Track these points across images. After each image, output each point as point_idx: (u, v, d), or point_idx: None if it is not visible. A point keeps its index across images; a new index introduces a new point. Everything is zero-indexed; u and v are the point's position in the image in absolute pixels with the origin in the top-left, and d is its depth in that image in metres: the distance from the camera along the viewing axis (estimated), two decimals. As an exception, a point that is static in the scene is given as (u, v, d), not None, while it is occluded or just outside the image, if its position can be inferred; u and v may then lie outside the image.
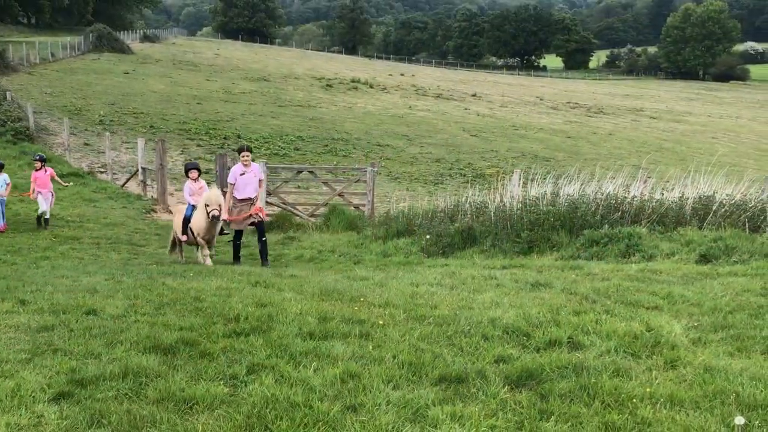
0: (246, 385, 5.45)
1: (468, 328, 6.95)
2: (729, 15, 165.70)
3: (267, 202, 20.61)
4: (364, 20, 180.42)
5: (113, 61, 70.67)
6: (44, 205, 18.58)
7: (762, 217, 13.42)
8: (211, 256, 14.04)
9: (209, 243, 14.14)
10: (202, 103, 52.36)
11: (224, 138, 40.09)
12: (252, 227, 15.06)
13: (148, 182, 26.01)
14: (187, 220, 14.23)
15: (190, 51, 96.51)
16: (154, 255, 15.97)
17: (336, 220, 19.68)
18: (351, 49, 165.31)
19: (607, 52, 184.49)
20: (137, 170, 26.65)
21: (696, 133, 64.68)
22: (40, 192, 18.65)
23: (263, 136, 41.78)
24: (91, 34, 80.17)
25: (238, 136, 40.76)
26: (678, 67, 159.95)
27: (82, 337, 6.56)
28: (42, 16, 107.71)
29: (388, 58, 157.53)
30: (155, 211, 23.18)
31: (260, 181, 14.55)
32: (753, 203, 13.98)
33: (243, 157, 14.18)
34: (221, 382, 5.49)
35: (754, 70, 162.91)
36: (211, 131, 41.63)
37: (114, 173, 28.85)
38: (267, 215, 20.62)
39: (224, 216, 13.83)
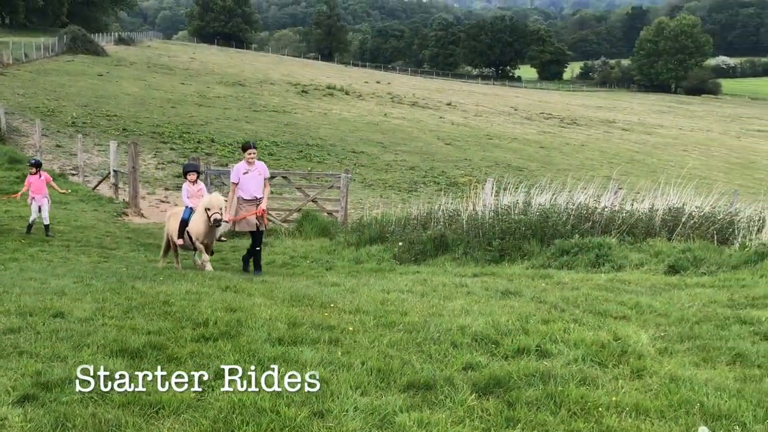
0: (213, 390, 5.42)
1: (437, 335, 6.97)
2: (702, 29, 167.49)
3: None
4: (340, 27, 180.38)
5: (87, 63, 70.13)
6: (36, 212, 17.89)
7: (730, 230, 13.59)
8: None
9: (207, 248, 13.40)
10: (176, 106, 52.10)
11: (198, 142, 39.91)
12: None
13: (120, 185, 25.83)
14: (184, 224, 13.50)
15: (166, 54, 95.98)
16: (125, 258, 15.85)
17: (309, 226, 19.65)
18: (327, 56, 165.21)
19: (581, 63, 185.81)
20: (109, 173, 26.45)
21: (667, 146, 65.29)
22: (33, 198, 17.93)
23: (237, 140, 41.56)
24: (65, 36, 79.47)
25: (212, 141, 40.65)
26: (651, 80, 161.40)
27: (49, 339, 6.50)
28: (16, 17, 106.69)
29: (364, 66, 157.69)
30: (127, 215, 23.01)
31: (266, 180, 13.48)
32: (722, 216, 14.16)
33: (248, 154, 13.20)
34: (188, 387, 5.46)
35: (726, 84, 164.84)
36: (184, 135, 41.42)
37: (86, 176, 28.61)
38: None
39: (227, 218, 13.04)
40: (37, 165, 18.71)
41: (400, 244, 14.99)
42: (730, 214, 14.26)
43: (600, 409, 5.23)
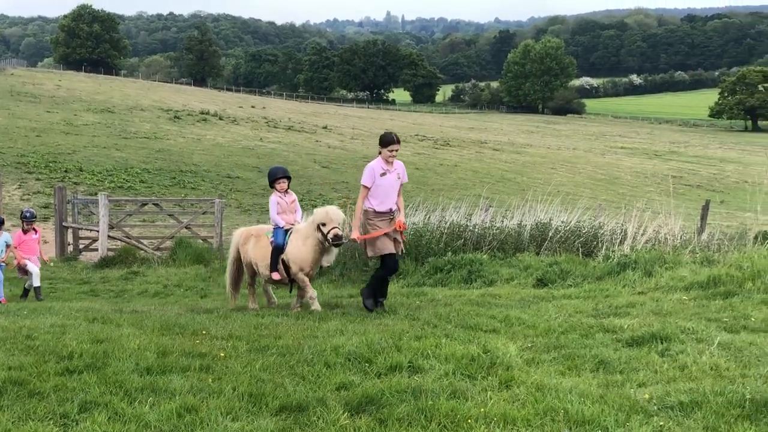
0: (77, 424, 5.24)
1: (311, 356, 6.95)
2: (565, 51, 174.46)
3: (108, 236, 19.93)
4: (213, 52, 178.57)
5: (-56, 92, 67.03)
6: (33, 277, 14.38)
7: (594, 243, 14.12)
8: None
9: (311, 278, 10.56)
10: (41, 135, 50.41)
11: (65, 171, 38.69)
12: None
13: (-18, 218, 24.69)
14: (279, 251, 10.40)
15: (30, 82, 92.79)
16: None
17: (183, 253, 19.27)
18: (200, 81, 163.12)
19: (453, 86, 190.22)
20: (-31, 205, 25.26)
21: (536, 164, 67.41)
22: (27, 260, 14.51)
23: (107, 168, 40.59)
24: None
25: (81, 169, 39.50)
26: (519, 101, 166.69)
27: None
28: None
29: (238, 90, 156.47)
30: (-11, 248, 21.99)
31: (401, 186, 10.26)
32: (586, 229, 14.70)
33: (389, 150, 9.89)
34: (51, 422, 5.26)
35: (589, 103, 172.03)
36: (51, 164, 40.12)
37: (-57, 209, 27.24)
38: (112, 250, 19.93)
39: (354, 236, 9.94)
40: (33, 218, 15.29)
41: (276, 268, 14.88)
42: (594, 228, 14.83)
43: (469, 420, 5.31)
